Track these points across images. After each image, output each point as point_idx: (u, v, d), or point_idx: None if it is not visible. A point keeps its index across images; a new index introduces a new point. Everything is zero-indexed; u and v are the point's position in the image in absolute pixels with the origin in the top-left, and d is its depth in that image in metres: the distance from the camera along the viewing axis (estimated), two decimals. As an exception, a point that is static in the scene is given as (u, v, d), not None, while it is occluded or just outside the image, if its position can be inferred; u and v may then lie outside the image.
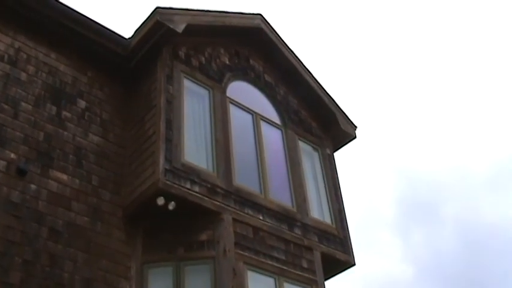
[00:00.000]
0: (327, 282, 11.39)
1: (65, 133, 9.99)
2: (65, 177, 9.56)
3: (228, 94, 11.88)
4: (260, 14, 13.26)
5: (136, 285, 9.38)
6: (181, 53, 11.43)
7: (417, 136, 46.98)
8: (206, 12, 11.94)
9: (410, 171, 44.71)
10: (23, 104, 9.69)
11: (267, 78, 13.24)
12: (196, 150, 10.61)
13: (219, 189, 10.26)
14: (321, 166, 13.17)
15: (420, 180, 43.07)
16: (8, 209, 8.61)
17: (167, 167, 9.71)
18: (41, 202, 9.05)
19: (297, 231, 11.21)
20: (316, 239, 11.51)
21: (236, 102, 11.97)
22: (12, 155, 9.11)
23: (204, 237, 9.85)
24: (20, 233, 8.57)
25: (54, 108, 10.08)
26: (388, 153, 46.14)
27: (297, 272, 10.69)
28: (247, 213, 10.46)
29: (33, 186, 9.08)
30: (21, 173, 9.05)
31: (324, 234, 11.77)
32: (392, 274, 39.31)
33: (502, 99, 44.16)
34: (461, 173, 43.17)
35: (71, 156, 9.84)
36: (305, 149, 13.07)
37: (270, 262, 10.32)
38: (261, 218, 10.67)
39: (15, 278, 8.21)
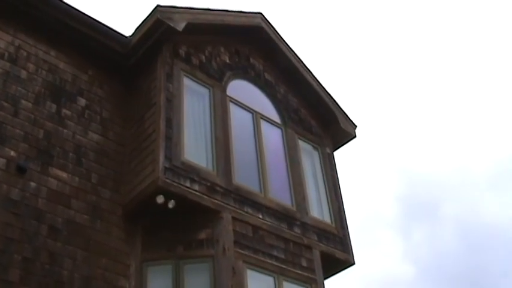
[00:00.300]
0: (326, 281, 11.39)
1: (65, 131, 10.00)
2: (64, 175, 9.56)
3: (228, 93, 11.88)
4: (260, 13, 13.26)
5: (135, 283, 9.39)
6: (182, 52, 11.43)
7: (418, 136, 46.99)
8: (206, 11, 11.95)
9: (411, 170, 44.73)
10: (23, 101, 9.70)
11: (267, 77, 13.24)
12: (196, 149, 10.61)
13: (218, 188, 10.27)
14: (321, 165, 13.17)
15: (421, 180, 43.07)
16: (7, 207, 8.62)
17: (167, 165, 9.72)
18: (41, 200, 9.05)
19: (297, 230, 11.22)
20: (316, 238, 11.51)
21: (236, 100, 11.97)
22: (12, 153, 9.12)
23: (203, 235, 9.85)
24: (19, 231, 8.58)
25: (54, 106, 10.08)
26: (389, 152, 46.13)
27: (297, 271, 10.70)
28: (246, 212, 10.46)
29: (32, 184, 9.09)
30: (21, 170, 9.05)
31: (323, 233, 11.77)
32: (393, 273, 39.31)
33: (502, 99, 44.17)
34: (462, 172, 43.21)
35: (70, 154, 9.84)
36: (305, 148, 13.07)
37: (269, 261, 10.32)
38: (260, 216, 10.68)
39: (14, 275, 8.22)
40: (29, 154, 9.30)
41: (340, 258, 11.86)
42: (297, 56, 13.74)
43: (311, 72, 13.84)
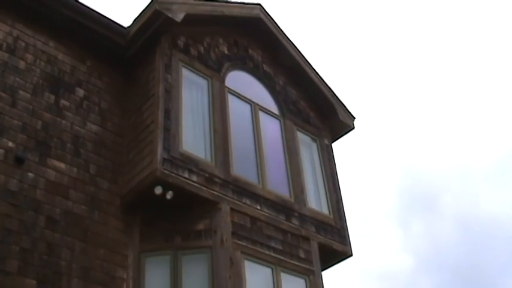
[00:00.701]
0: (324, 273, 11.41)
1: (63, 122, 9.99)
2: (62, 165, 9.56)
3: (226, 84, 11.87)
4: (259, 4, 13.24)
5: (133, 274, 9.41)
6: (180, 42, 11.41)
7: (418, 129, 46.99)
8: (205, 2, 11.92)
9: (411, 162, 44.76)
10: (21, 92, 9.69)
11: (266, 68, 13.23)
12: (194, 140, 10.61)
13: (216, 179, 10.27)
14: (319, 156, 13.17)
15: (420, 172, 43.14)
16: (5, 197, 8.62)
17: (165, 156, 9.71)
18: (39, 191, 9.06)
19: (295, 221, 11.23)
20: (314, 229, 11.52)
21: (235, 92, 11.96)
22: (10, 144, 9.11)
23: (201, 226, 9.86)
24: (17, 221, 8.59)
25: (52, 97, 10.07)
26: (390, 144, 46.16)
27: (294, 262, 10.71)
28: (244, 203, 10.47)
29: (30, 175, 9.09)
30: (19, 161, 9.05)
31: (321, 224, 11.78)
32: (392, 265, 39.40)
33: (502, 93, 44.17)
34: (461, 165, 43.24)
35: (68, 145, 9.84)
36: (303, 140, 13.07)
37: (267, 252, 10.34)
38: (258, 208, 10.68)
39: (12, 266, 8.23)
40: (27, 145, 9.30)
41: (337, 249, 11.87)
42: (296, 48, 13.72)
43: (310, 64, 13.83)
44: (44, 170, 9.30)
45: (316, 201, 12.26)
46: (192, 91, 11.20)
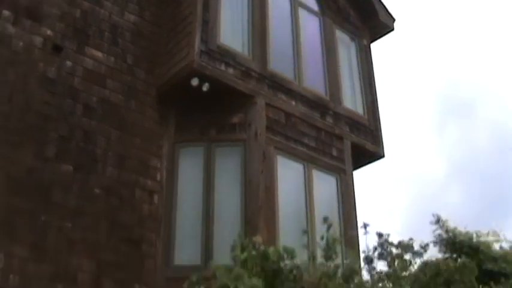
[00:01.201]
0: (355, 172, 11.46)
1: (102, 11, 9.95)
2: (100, 54, 9.59)
3: (266, -22, 11.64)
4: None
5: (167, 163, 9.57)
6: None
7: (460, 36, 46.10)
8: None
9: (450, 68, 44.16)
10: (60, -20, 9.63)
11: (307, -37, 12.92)
12: (232, 33, 10.54)
13: (253, 73, 10.24)
14: (357, 56, 12.99)
15: (459, 78, 42.58)
16: (44, 85, 8.74)
17: (202, 49, 9.68)
18: (76, 79, 9.15)
19: (329, 119, 11.22)
20: (347, 129, 11.52)
21: (274, -14, 11.74)
22: (49, 32, 9.14)
23: (236, 119, 9.93)
24: (55, 109, 8.72)
25: (91, -14, 10.01)
26: (429, 49, 45.44)
27: (326, 160, 10.78)
28: (280, 98, 10.47)
29: (68, 63, 9.16)
30: (57, 49, 9.10)
31: (355, 124, 11.75)
32: (425, 169, 39.48)
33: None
34: (501, 74, 42.55)
35: (106, 34, 9.84)
36: (342, 38, 12.87)
37: (300, 148, 10.40)
38: (293, 103, 10.68)
39: (50, 152, 8.44)
40: (65, 33, 9.31)
41: (370, 150, 11.88)
42: None
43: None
44: (82, 59, 9.35)
45: (351, 100, 12.19)
46: (232, -16, 11.03)
